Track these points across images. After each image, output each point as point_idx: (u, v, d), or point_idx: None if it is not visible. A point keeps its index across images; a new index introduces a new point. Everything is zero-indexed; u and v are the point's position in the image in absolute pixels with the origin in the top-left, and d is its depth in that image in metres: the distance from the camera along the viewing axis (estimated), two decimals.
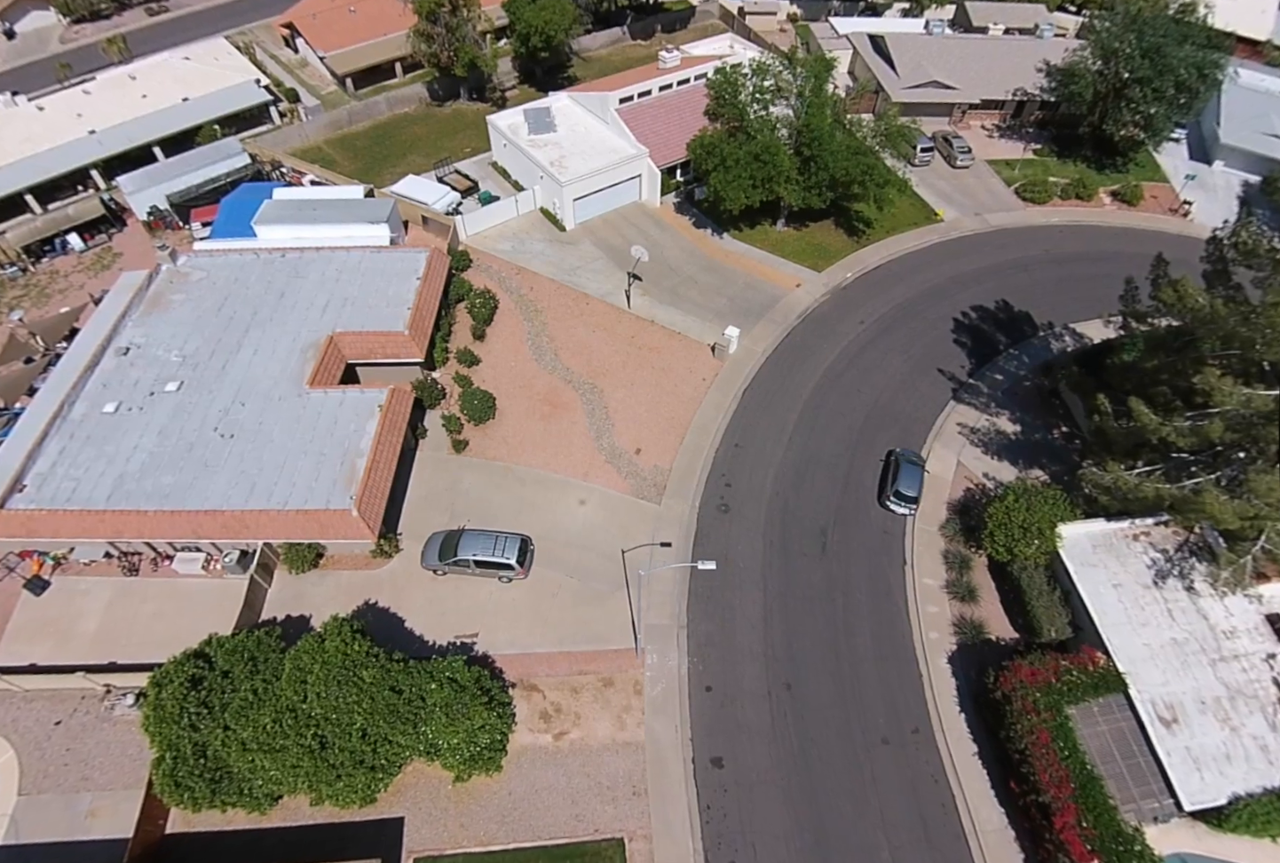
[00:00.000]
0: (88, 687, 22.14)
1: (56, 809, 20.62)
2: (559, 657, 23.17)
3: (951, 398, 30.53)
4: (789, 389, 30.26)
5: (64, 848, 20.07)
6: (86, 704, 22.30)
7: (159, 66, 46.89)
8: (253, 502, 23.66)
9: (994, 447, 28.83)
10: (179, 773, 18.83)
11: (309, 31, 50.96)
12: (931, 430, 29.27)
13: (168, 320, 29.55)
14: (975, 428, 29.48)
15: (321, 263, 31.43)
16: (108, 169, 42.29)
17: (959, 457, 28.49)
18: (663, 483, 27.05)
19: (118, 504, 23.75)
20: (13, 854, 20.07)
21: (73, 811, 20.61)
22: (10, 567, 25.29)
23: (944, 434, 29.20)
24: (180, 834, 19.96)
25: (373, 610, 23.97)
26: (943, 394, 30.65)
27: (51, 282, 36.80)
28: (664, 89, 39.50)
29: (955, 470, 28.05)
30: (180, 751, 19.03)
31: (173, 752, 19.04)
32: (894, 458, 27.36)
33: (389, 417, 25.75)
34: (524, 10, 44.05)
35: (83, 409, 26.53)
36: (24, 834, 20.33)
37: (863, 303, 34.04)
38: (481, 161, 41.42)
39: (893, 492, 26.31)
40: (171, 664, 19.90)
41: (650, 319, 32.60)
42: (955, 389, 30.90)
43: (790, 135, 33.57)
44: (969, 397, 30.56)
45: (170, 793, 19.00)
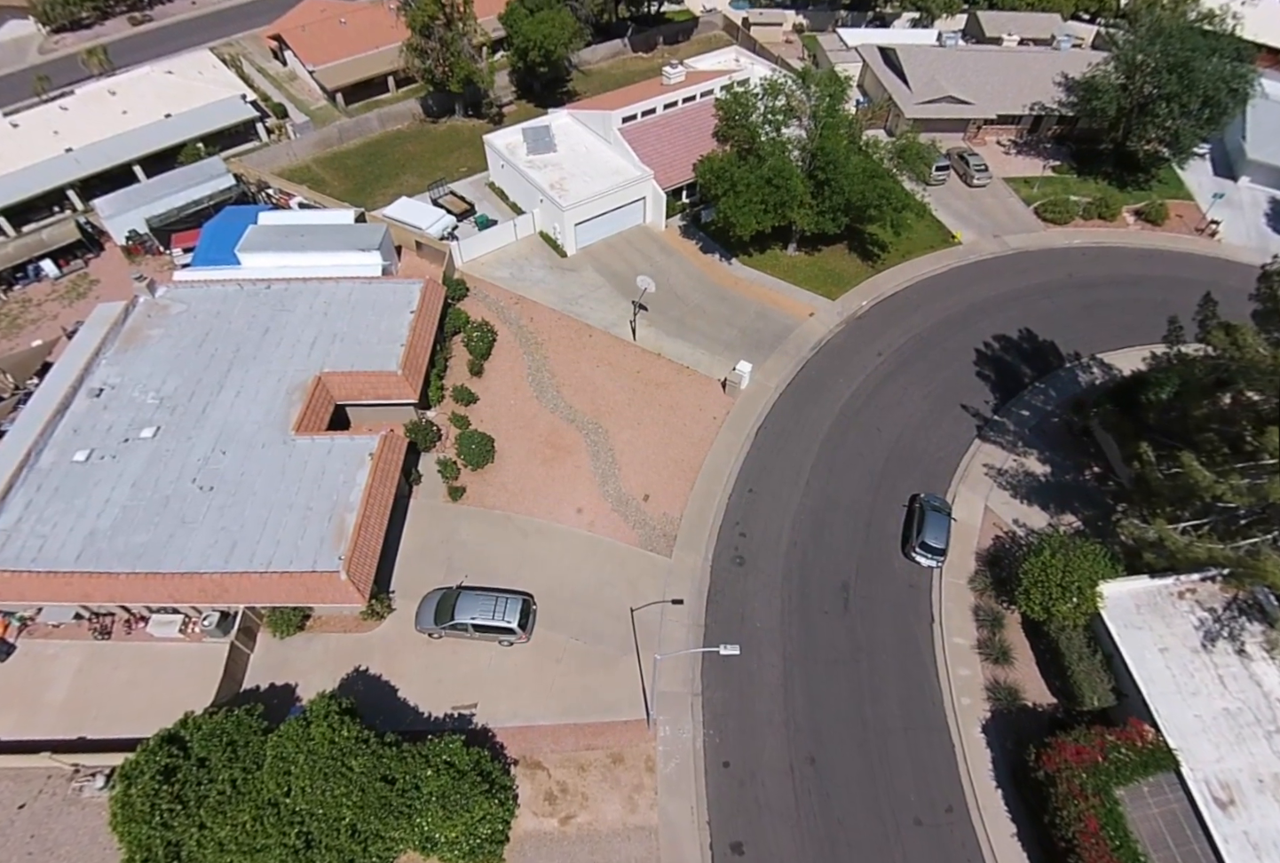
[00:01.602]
0: (54, 766, 20.69)
1: None
2: (565, 729, 21.72)
3: (976, 436, 29.30)
4: (804, 428, 28.99)
5: None
6: (53, 785, 20.93)
7: (140, 81, 45.51)
8: (233, 563, 22.17)
9: (1023, 489, 27.58)
10: None
11: (298, 44, 49.67)
12: (956, 472, 28.04)
13: (144, 358, 28.08)
14: (1002, 469, 28.25)
15: (309, 295, 29.99)
16: (85, 189, 40.86)
17: (986, 501, 27.24)
18: (673, 533, 25.71)
19: (87, 565, 22.26)
20: None
21: None
22: None
23: (970, 476, 27.96)
24: None
25: (363, 679, 22.54)
26: (966, 432, 29.41)
27: (23, 311, 35.32)
28: (669, 107, 38.29)
29: (983, 516, 26.79)
30: (151, 852, 17.59)
31: (143, 853, 17.61)
32: (918, 504, 26.14)
33: (381, 466, 24.31)
34: (522, 23, 42.84)
35: (51, 458, 25.04)
36: None
37: (879, 333, 32.82)
38: (478, 182, 40.15)
39: (918, 543, 25.04)
40: (142, 754, 18.39)
41: (657, 352, 31.31)
42: (979, 427, 29.68)
43: (803, 157, 32.31)
44: (995, 435, 29.33)
45: None
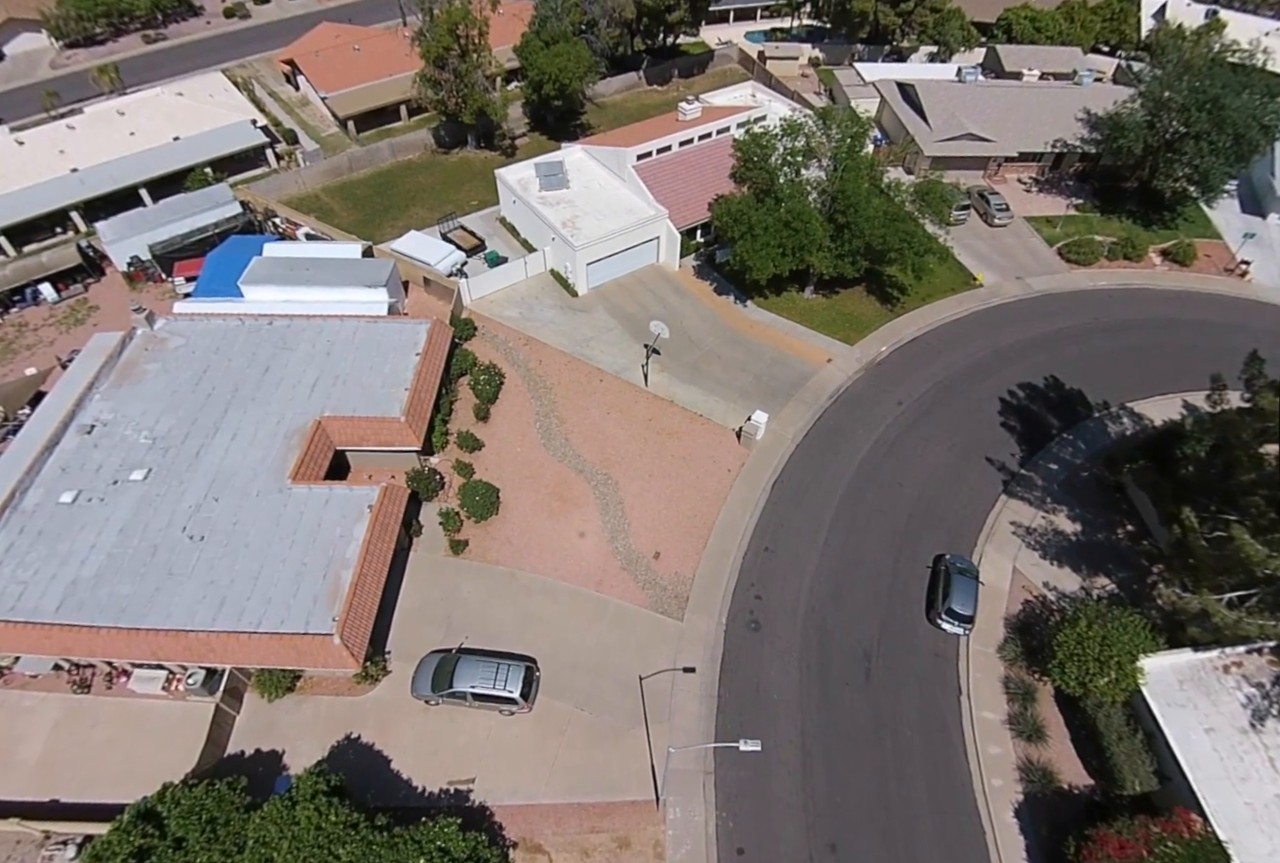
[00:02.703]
0: (24, 831, 19.70)
1: None
2: (568, 810, 20.69)
3: (1003, 492, 28.66)
4: (823, 482, 28.40)
5: None
6: (21, 851, 20.01)
7: (150, 101, 45.92)
8: (221, 621, 21.39)
9: (1053, 549, 26.87)
10: None
11: (311, 69, 50.19)
12: (983, 531, 27.35)
13: (139, 394, 27.57)
14: (1031, 527, 27.56)
15: (312, 333, 29.60)
16: (89, 211, 40.95)
17: (1015, 562, 26.52)
18: (685, 594, 24.94)
19: (68, 617, 21.56)
20: None
21: None
22: None
23: (997, 535, 27.26)
24: None
25: (355, 747, 21.67)
26: (993, 487, 28.78)
27: (19, 336, 34.96)
28: (684, 144, 38.44)
29: (1011, 579, 26.05)
30: None
31: None
32: (943, 567, 25.44)
33: (380, 519, 23.63)
34: (537, 56, 43.24)
35: (36, 498, 24.43)
36: None
37: (900, 380, 32.39)
38: (489, 216, 40.26)
39: (944, 609, 24.31)
40: (115, 832, 17.44)
41: (669, 399, 30.88)
42: (1006, 481, 29.06)
43: (822, 200, 32.13)
44: (1022, 490, 28.68)
45: None
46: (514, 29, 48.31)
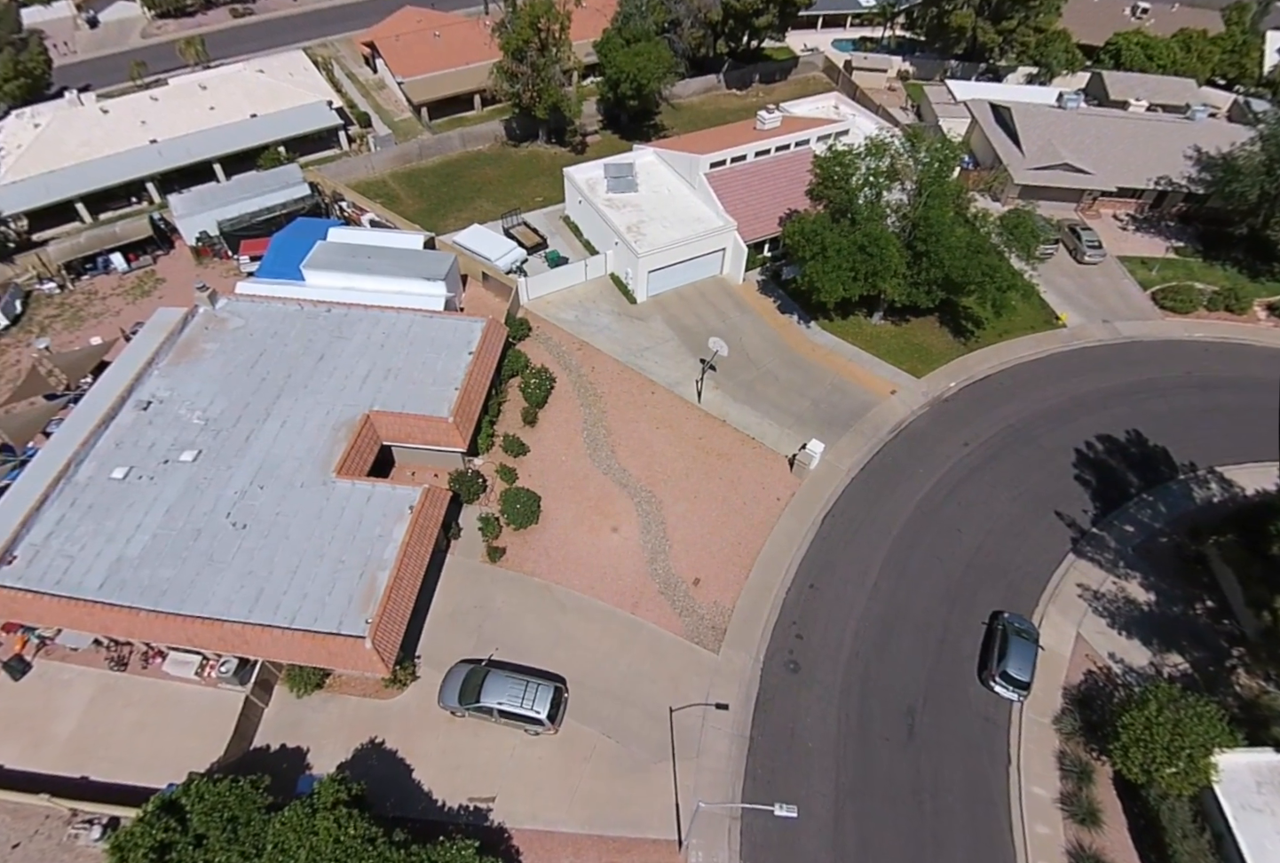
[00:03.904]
0: (52, 808, 20.29)
1: None
2: (586, 841, 20.31)
3: (1071, 550, 27.20)
4: (876, 521, 27.41)
5: None
6: (49, 826, 20.49)
7: (231, 77, 46.96)
8: (257, 613, 21.54)
9: (1122, 618, 25.45)
10: None
11: (390, 53, 50.57)
12: (1046, 590, 26.02)
13: (196, 374, 27.96)
14: (1099, 592, 26.14)
15: (368, 324, 29.66)
16: (165, 183, 41.99)
17: (1079, 628, 25.18)
18: (723, 626, 24.31)
19: (109, 596, 22.04)
20: None
21: None
22: None
23: (1061, 597, 25.91)
24: None
25: (378, 753, 21.70)
26: (1060, 544, 27.35)
27: (88, 303, 35.94)
28: (760, 154, 37.67)
29: (1074, 646, 24.73)
30: None
31: None
32: (1001, 625, 24.32)
33: (420, 522, 23.49)
34: (616, 54, 42.78)
35: (89, 471, 24.95)
36: None
37: (968, 420, 31.10)
38: (553, 214, 40.23)
39: (999, 671, 23.17)
40: (137, 824, 17.65)
41: (721, 418, 30.30)
42: (1075, 539, 27.58)
43: (902, 225, 30.72)
44: (1093, 551, 27.21)
45: None
46: (595, 24, 47.94)
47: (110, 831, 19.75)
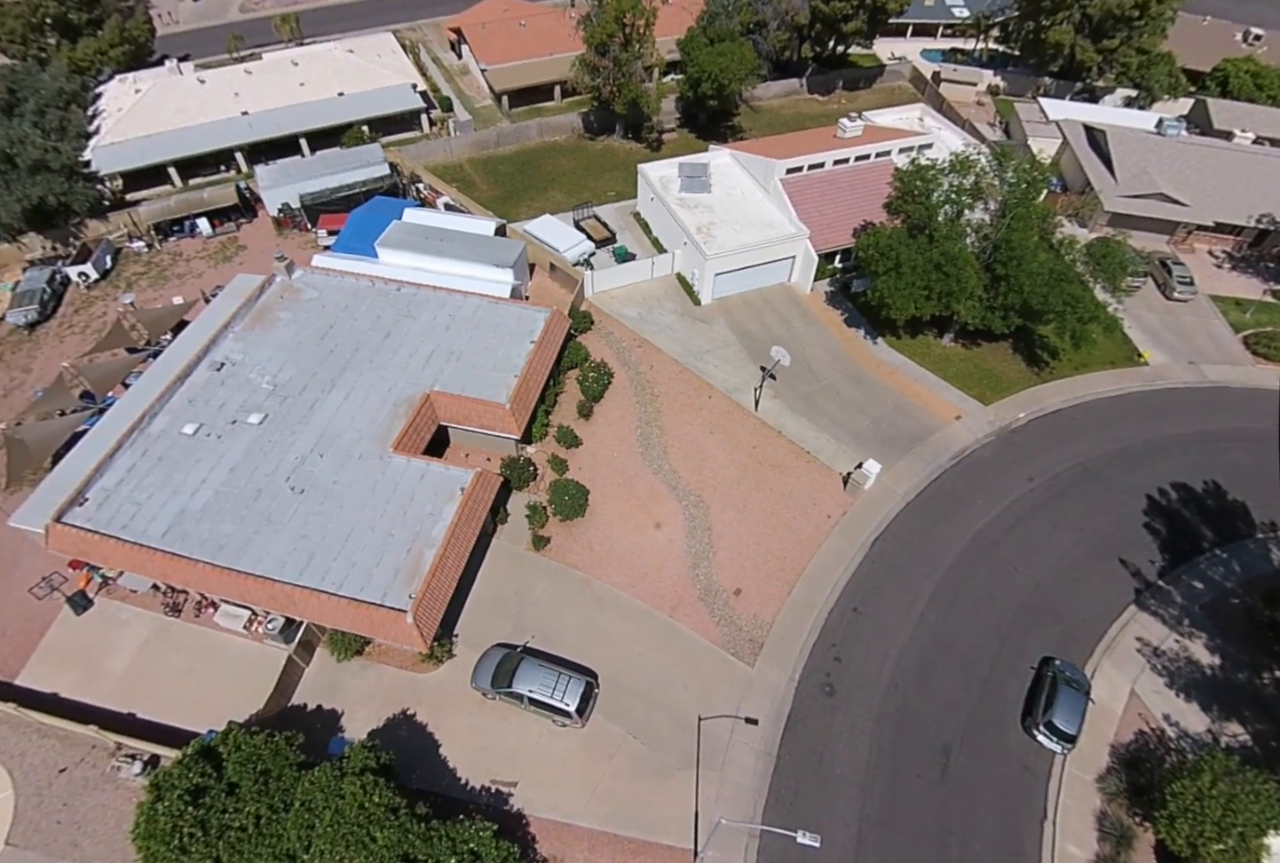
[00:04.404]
0: (100, 739, 21.40)
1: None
2: (602, 838, 20.41)
3: (1133, 602, 25.97)
4: (929, 550, 26.68)
5: None
6: (94, 756, 21.60)
7: (322, 55, 48.39)
8: (306, 576, 22.22)
9: (1182, 680, 24.13)
10: None
11: (475, 40, 51.46)
12: (1103, 641, 24.91)
13: (269, 340, 28.93)
14: (1160, 649, 24.88)
15: (435, 305, 30.26)
16: (252, 154, 43.50)
17: (1134, 684, 24.00)
18: (760, 640, 24.04)
19: (171, 545, 23.00)
20: None
21: None
22: (54, 586, 25.13)
23: (1118, 649, 24.76)
24: None
25: (408, 726, 22.14)
26: (1122, 594, 26.16)
27: (173, 264, 37.56)
28: (839, 162, 36.97)
29: (1127, 702, 23.57)
30: None
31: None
32: (1051, 672, 23.36)
33: (470, 504, 23.89)
34: (700, 53, 42.68)
35: (162, 424, 26.05)
36: None
37: (1034, 454, 29.98)
38: (623, 209, 40.41)
39: (1044, 720, 22.31)
40: (176, 766, 18.32)
41: (777, 429, 29.93)
42: (1139, 591, 26.33)
43: (982, 246, 29.90)
44: (1157, 605, 25.93)
45: None
46: (680, 21, 47.87)
47: (150, 768, 20.79)
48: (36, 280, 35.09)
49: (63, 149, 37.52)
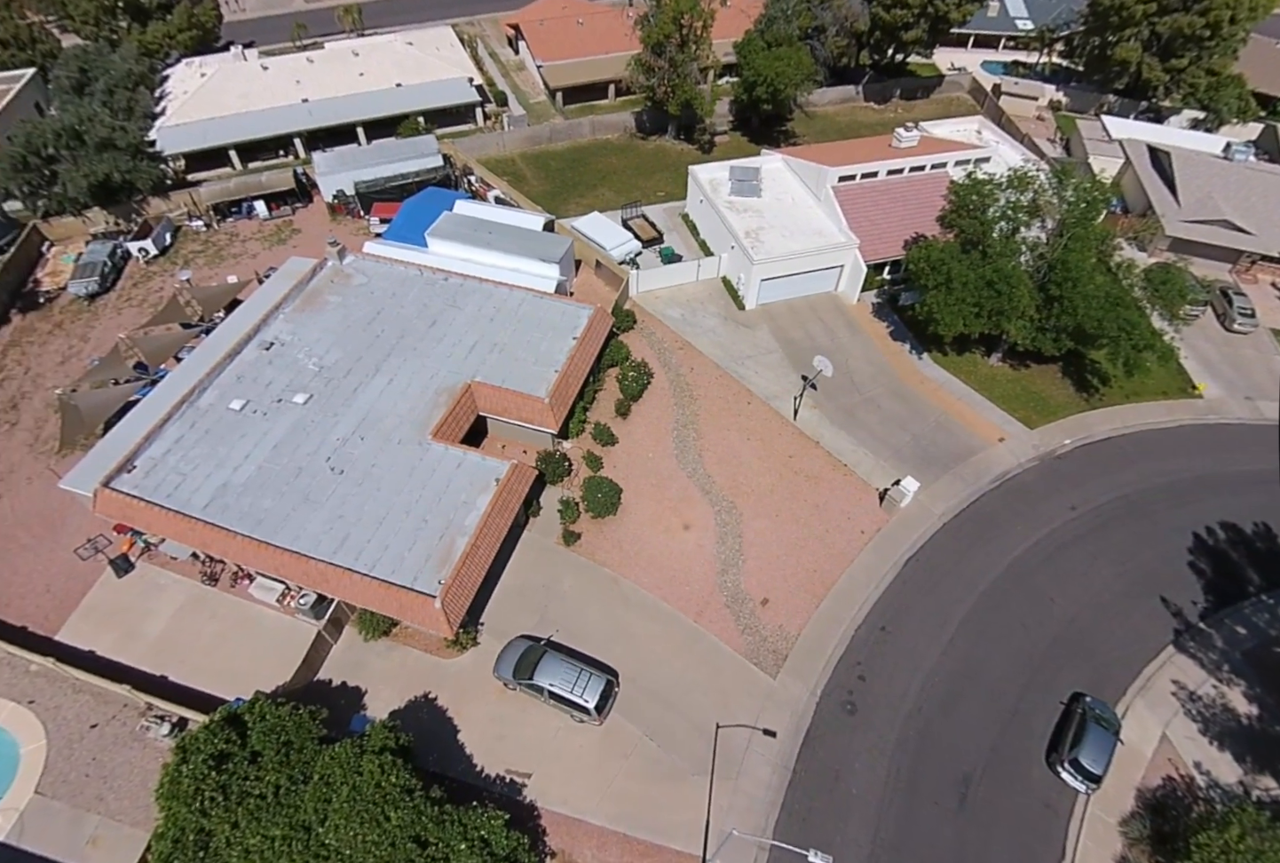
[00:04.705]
0: (132, 698, 22.05)
1: (62, 823, 20.40)
2: (611, 837, 20.40)
3: (1172, 642, 25.09)
4: (963, 573, 26.11)
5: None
6: (125, 714, 22.23)
7: (381, 46, 49.29)
8: (341, 556, 22.59)
9: (1217, 728, 23.24)
10: (174, 861, 17.58)
11: (532, 36, 51.97)
12: (1137, 681, 24.09)
13: (317, 323, 29.52)
14: (1196, 694, 23.99)
15: (481, 297, 30.57)
16: (310, 140, 44.46)
17: (1166, 728, 23.18)
18: (784, 651, 23.80)
19: (212, 516, 23.58)
20: (9, 859, 19.86)
21: (77, 831, 20.29)
22: (98, 548, 25.90)
23: (1153, 691, 23.91)
24: None
25: (429, 709, 22.38)
26: (1160, 634, 25.28)
27: (229, 243, 38.51)
28: (893, 173, 36.45)
29: (1157, 746, 22.76)
30: (183, 836, 17.98)
31: (175, 832, 18.03)
32: (1080, 709, 22.67)
33: (504, 496, 24.06)
34: (756, 56, 42.55)
35: (211, 399, 26.72)
36: (26, 839, 20.19)
37: (1079, 482, 29.11)
38: (672, 210, 40.38)
39: (1069, 758, 21.68)
40: (203, 731, 18.81)
41: (815, 440, 29.59)
42: (1179, 632, 25.43)
43: (1036, 264, 29.25)
44: (1196, 648, 25.01)
45: None
46: (738, 24, 47.81)
47: (178, 730, 21.32)
48: (98, 253, 36.38)
49: (129, 128, 38.85)
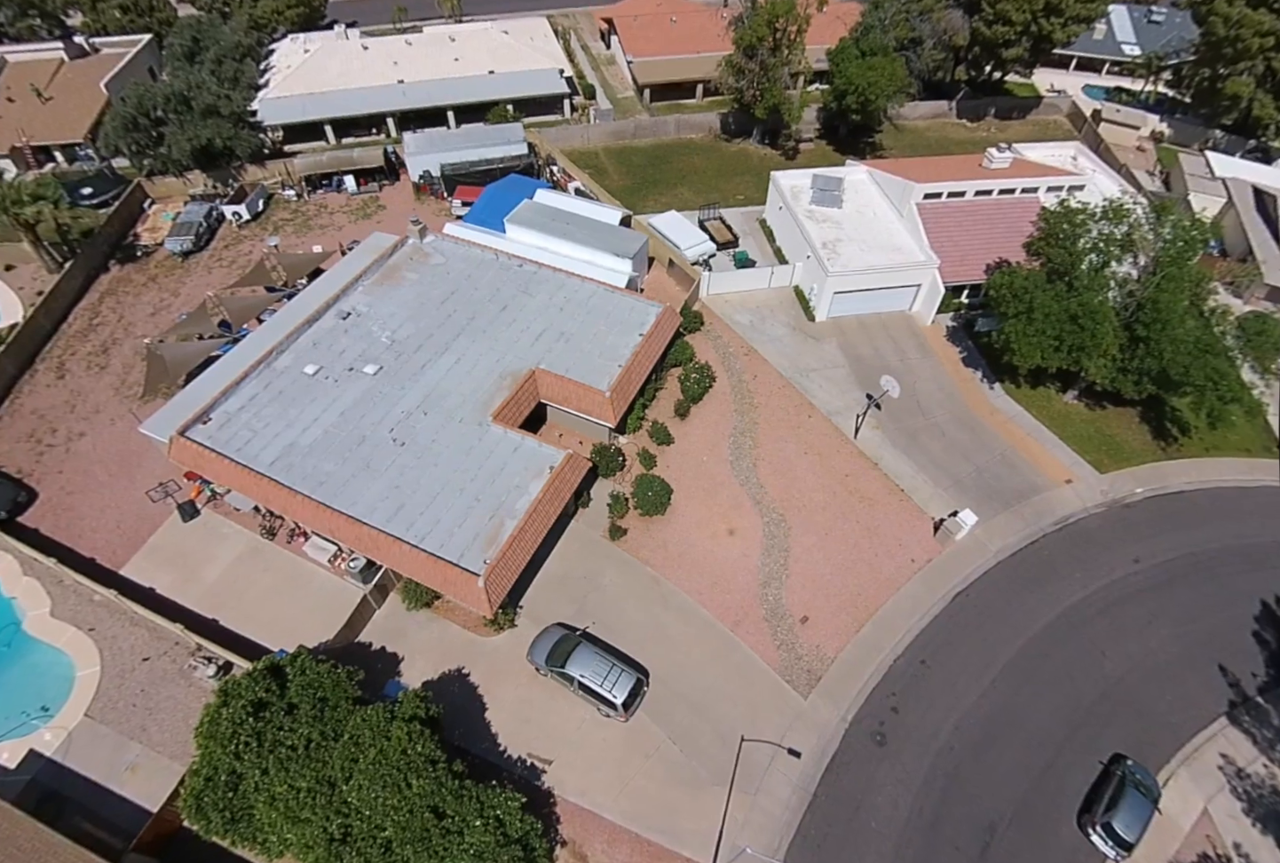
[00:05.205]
0: (183, 638, 23.00)
1: (106, 747, 21.41)
2: (623, 835, 20.40)
3: (1225, 714, 23.64)
4: (1013, 615, 25.11)
5: (94, 792, 20.55)
6: (176, 652, 23.22)
7: (478, 34, 50.25)
8: (393, 525, 23.15)
9: (1262, 809, 21.75)
10: (205, 797, 18.38)
11: (625, 32, 52.29)
12: (1183, 750, 22.80)
13: (393, 298, 30.29)
14: (1245, 772, 22.55)
15: (553, 286, 30.93)
16: (402, 121, 45.58)
17: (1209, 803, 21.83)
18: (819, 672, 23.33)
19: (277, 474, 24.41)
20: (52, 774, 20.87)
21: (118, 756, 21.29)
22: (168, 492, 27.12)
23: (1199, 762, 22.58)
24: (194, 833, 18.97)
25: (460, 684, 22.74)
26: (1215, 703, 23.87)
27: (317, 214, 39.93)
28: (981, 193, 35.23)
29: (1197, 821, 21.44)
30: (215, 775, 18.57)
31: (208, 771, 18.61)
32: (1121, 772, 21.54)
33: (556, 484, 24.27)
34: (849, 65, 41.78)
35: (287, 362, 27.67)
36: (71, 757, 21.22)
37: (1146, 534, 27.65)
38: (750, 214, 39.93)
39: (1102, 821, 20.63)
40: (246, 678, 19.38)
41: (874, 461, 28.84)
42: (1235, 704, 23.95)
43: (1124, 302, 27.96)
44: (1251, 722, 23.53)
45: (190, 813, 18.62)
46: (833, 31, 47.07)
47: (223, 673, 22.16)
48: (195, 214, 38.13)
49: (234, 97, 40.64)
